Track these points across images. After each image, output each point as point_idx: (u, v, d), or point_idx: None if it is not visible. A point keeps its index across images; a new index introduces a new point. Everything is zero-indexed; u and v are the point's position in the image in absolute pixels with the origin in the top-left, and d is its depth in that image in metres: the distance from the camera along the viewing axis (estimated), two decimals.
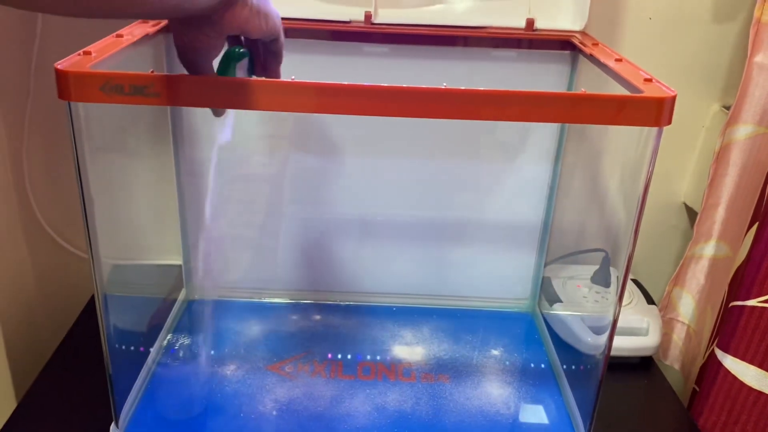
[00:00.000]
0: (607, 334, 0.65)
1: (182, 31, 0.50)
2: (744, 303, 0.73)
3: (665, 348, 0.92)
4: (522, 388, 0.75)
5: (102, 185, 0.60)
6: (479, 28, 0.74)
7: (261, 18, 0.51)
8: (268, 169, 0.82)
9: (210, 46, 0.51)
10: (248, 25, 0.50)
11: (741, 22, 0.83)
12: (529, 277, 0.88)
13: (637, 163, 0.58)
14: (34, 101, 0.83)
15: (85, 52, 0.54)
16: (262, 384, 0.73)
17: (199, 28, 0.49)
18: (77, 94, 0.50)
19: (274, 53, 0.57)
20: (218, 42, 0.51)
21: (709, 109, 0.88)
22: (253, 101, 0.51)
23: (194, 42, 0.50)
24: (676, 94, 0.52)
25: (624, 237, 0.62)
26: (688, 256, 0.88)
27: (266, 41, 0.55)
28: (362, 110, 0.51)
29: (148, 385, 0.73)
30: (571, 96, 0.53)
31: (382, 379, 0.75)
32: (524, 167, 0.82)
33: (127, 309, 0.72)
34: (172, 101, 0.51)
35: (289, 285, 0.89)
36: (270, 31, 0.53)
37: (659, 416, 0.77)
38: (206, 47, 0.51)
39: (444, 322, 0.86)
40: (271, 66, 0.58)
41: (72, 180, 0.89)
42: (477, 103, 0.51)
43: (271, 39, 0.55)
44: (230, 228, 0.85)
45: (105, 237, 0.61)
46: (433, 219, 0.85)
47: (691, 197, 0.92)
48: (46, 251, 0.92)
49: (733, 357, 0.75)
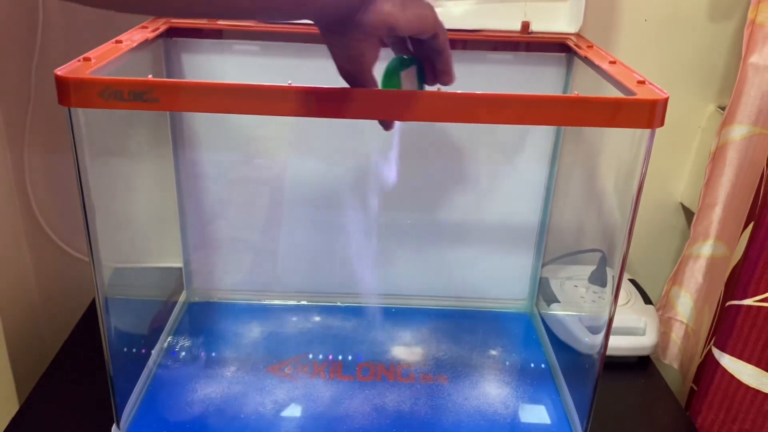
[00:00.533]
0: (603, 334, 0.65)
1: (333, 43, 0.49)
2: (741, 302, 0.73)
3: (664, 347, 0.93)
4: (520, 387, 0.76)
5: (103, 189, 0.61)
6: (475, 32, 0.75)
7: (408, 10, 0.47)
8: (269, 171, 0.83)
9: (363, 52, 0.48)
10: (393, 20, 0.46)
11: (736, 24, 0.83)
12: (526, 278, 0.89)
13: (631, 164, 0.59)
14: (35, 106, 0.84)
15: (85, 58, 0.54)
16: (262, 385, 0.74)
17: (346, 34, 0.47)
18: (77, 101, 0.50)
19: (438, 51, 0.52)
20: (370, 46, 0.48)
21: (705, 110, 0.88)
22: (251, 106, 0.51)
23: (347, 51, 0.48)
24: (669, 96, 0.52)
25: (620, 237, 0.63)
26: (686, 255, 0.89)
27: (424, 39, 0.51)
28: (360, 114, 0.52)
29: (149, 387, 0.73)
30: (565, 99, 0.53)
31: (381, 380, 0.75)
32: (521, 168, 0.83)
33: (128, 312, 0.72)
34: (170, 107, 0.51)
35: (288, 287, 0.89)
36: (422, 25, 0.49)
37: (656, 415, 0.77)
38: (360, 54, 0.48)
39: (442, 322, 0.86)
40: (439, 66, 0.53)
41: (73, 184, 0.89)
42: (473, 106, 0.51)
43: (427, 35, 0.50)
44: (231, 230, 0.86)
45: (106, 240, 0.61)
46: (431, 220, 0.85)
47: (688, 197, 0.92)
48: (48, 254, 0.93)
49: (730, 356, 0.75)
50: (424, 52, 0.53)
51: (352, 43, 0.47)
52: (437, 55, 0.52)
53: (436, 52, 0.52)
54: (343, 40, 0.48)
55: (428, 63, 0.54)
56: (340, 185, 0.83)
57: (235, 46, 0.75)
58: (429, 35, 0.50)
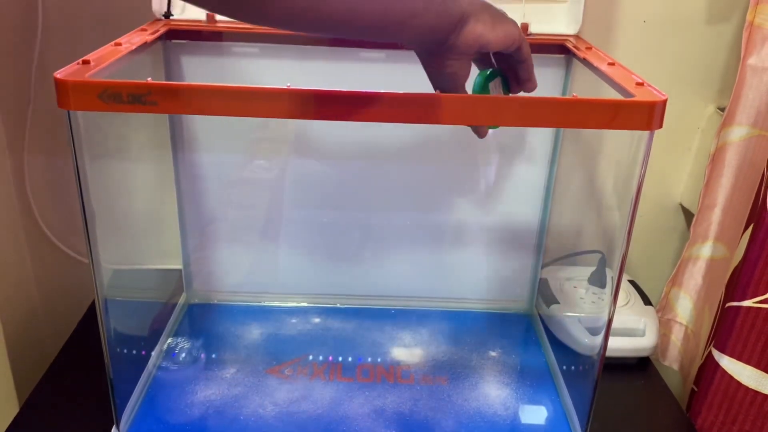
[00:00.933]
0: (603, 335, 0.65)
1: (429, 63, 0.53)
2: (740, 303, 0.73)
3: (664, 349, 0.93)
4: (519, 388, 0.76)
5: (102, 191, 0.61)
6: None
7: (497, 30, 0.51)
8: (268, 173, 0.83)
9: (457, 71, 0.52)
10: (485, 40, 0.50)
11: (734, 25, 0.83)
12: (526, 279, 0.89)
13: (630, 165, 0.59)
14: (35, 109, 0.84)
15: (84, 61, 0.55)
16: (262, 387, 0.74)
17: (442, 55, 0.51)
18: (76, 103, 0.50)
19: (521, 61, 0.56)
20: (464, 64, 0.52)
21: (705, 111, 0.88)
22: (250, 108, 0.52)
23: (442, 70, 0.52)
24: (667, 98, 0.52)
25: (620, 238, 0.63)
26: (686, 257, 0.89)
27: (510, 52, 0.54)
28: (360, 117, 0.52)
29: (148, 389, 0.73)
30: (563, 101, 0.53)
31: (381, 381, 0.76)
32: (521, 169, 0.83)
33: (128, 313, 0.72)
34: (169, 109, 0.51)
35: (288, 288, 0.89)
36: (509, 40, 0.52)
37: (656, 416, 0.77)
38: (453, 72, 0.52)
39: (442, 323, 0.86)
40: (523, 76, 0.57)
41: (72, 185, 0.89)
42: (472, 109, 0.51)
43: (512, 49, 0.54)
44: (228, 232, 0.86)
45: (105, 242, 0.62)
46: (431, 222, 0.85)
47: (687, 199, 0.92)
48: (48, 256, 0.93)
49: (730, 357, 0.75)
50: (507, 63, 0.57)
51: (447, 62, 0.51)
52: (520, 64, 0.56)
53: (519, 63, 0.56)
54: (438, 60, 0.52)
55: (511, 72, 0.57)
56: (340, 187, 0.83)
57: (234, 49, 0.76)
58: (513, 49, 0.54)
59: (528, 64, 0.56)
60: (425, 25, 0.48)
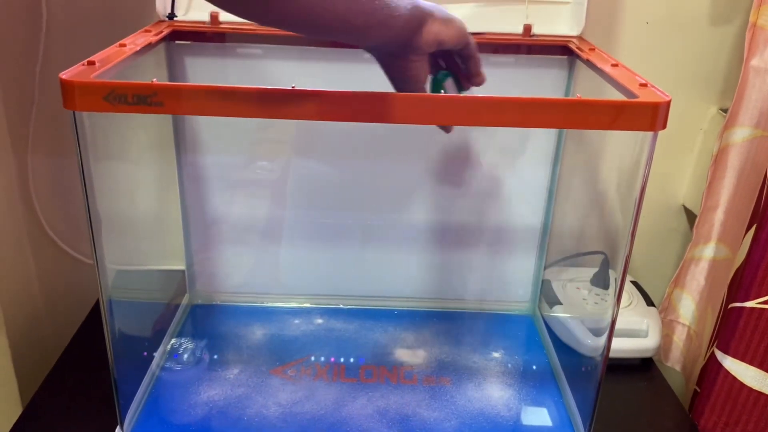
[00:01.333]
0: (606, 336, 0.65)
1: (393, 68, 0.55)
2: (743, 304, 0.73)
3: (666, 350, 0.93)
4: (523, 390, 0.76)
5: (106, 192, 0.61)
6: (477, 34, 0.75)
7: (450, 28, 0.54)
8: (271, 174, 0.83)
9: (419, 72, 0.55)
10: (442, 37, 0.53)
11: (737, 26, 0.83)
12: (529, 280, 0.89)
13: (633, 167, 0.59)
14: (39, 110, 0.84)
15: (89, 62, 0.55)
16: (265, 387, 0.74)
17: (404, 58, 0.54)
18: (82, 104, 0.51)
19: (470, 57, 0.59)
20: (424, 65, 0.55)
21: (707, 112, 0.88)
22: (254, 109, 0.52)
23: (406, 72, 0.54)
24: (671, 99, 0.52)
25: (623, 239, 0.63)
26: (688, 258, 0.89)
27: (459, 49, 0.58)
28: (365, 118, 0.52)
29: (152, 390, 0.73)
30: (567, 102, 0.53)
31: (384, 382, 0.76)
32: (523, 170, 0.83)
33: (132, 314, 0.72)
34: (174, 110, 0.51)
35: (291, 289, 0.89)
36: (462, 37, 0.56)
37: (659, 417, 0.77)
38: (416, 74, 0.55)
39: (445, 324, 0.87)
40: (473, 71, 0.60)
41: (76, 186, 0.89)
42: (475, 109, 0.52)
43: (462, 45, 0.57)
44: (232, 233, 0.86)
45: (109, 243, 0.62)
46: (434, 222, 0.85)
47: (690, 199, 0.93)
48: (51, 257, 0.93)
49: (733, 358, 0.75)
50: (457, 61, 0.60)
51: (411, 64, 0.54)
52: (469, 60, 0.60)
53: (468, 59, 0.59)
54: (401, 63, 0.54)
55: (461, 70, 0.61)
56: (343, 187, 0.84)
57: (237, 50, 0.76)
58: (463, 45, 0.57)
59: (476, 59, 0.60)
60: (395, 27, 0.50)
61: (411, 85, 0.55)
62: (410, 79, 0.55)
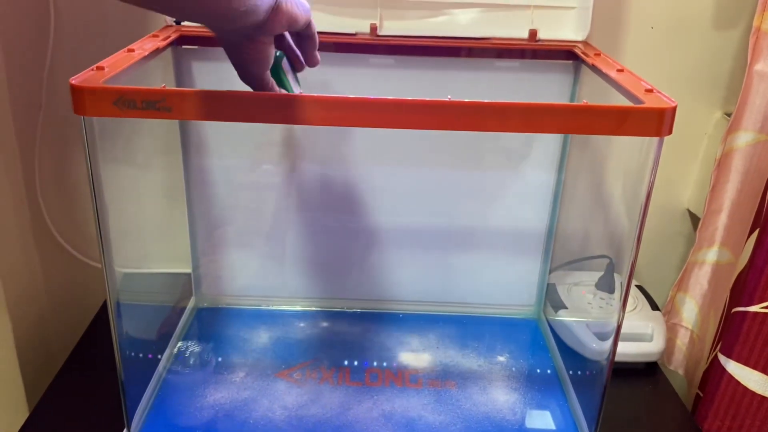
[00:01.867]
0: (611, 340, 0.65)
1: (241, 50, 0.53)
2: (746, 309, 0.74)
3: (669, 353, 0.93)
4: (528, 393, 0.76)
5: (114, 195, 0.61)
6: (483, 39, 0.75)
7: (299, 7, 0.53)
8: (276, 177, 0.83)
9: (266, 53, 0.53)
10: (294, 16, 0.52)
11: (741, 31, 0.84)
12: (534, 284, 0.89)
13: (639, 171, 0.59)
14: (46, 114, 0.85)
15: (99, 67, 0.55)
16: (271, 391, 0.74)
17: (253, 39, 0.52)
18: (92, 109, 0.51)
19: (309, 37, 0.59)
20: (271, 48, 0.54)
21: (711, 117, 0.89)
22: (259, 114, 0.52)
23: (252, 54, 0.52)
24: (677, 105, 0.52)
25: (628, 243, 0.63)
26: (691, 261, 0.89)
27: (301, 30, 0.57)
28: (369, 123, 0.52)
29: (159, 392, 0.74)
30: (573, 108, 0.54)
31: (390, 386, 0.76)
32: (528, 174, 0.83)
33: (138, 317, 0.73)
34: (183, 115, 0.52)
35: (296, 292, 0.90)
36: (307, 15, 0.55)
37: (664, 421, 0.77)
38: (264, 56, 0.53)
39: (450, 328, 0.87)
40: (309, 51, 0.60)
41: (82, 190, 0.90)
42: (480, 115, 0.52)
43: (306, 24, 0.56)
44: (237, 236, 0.87)
45: (116, 246, 0.62)
46: (439, 226, 0.86)
47: (694, 203, 0.93)
48: (57, 260, 0.93)
49: (737, 362, 0.76)
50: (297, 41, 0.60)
51: (262, 46, 0.52)
52: (308, 39, 0.59)
53: (309, 38, 0.59)
54: (253, 46, 0.52)
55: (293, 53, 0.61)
56: (348, 191, 0.84)
57: None
58: (307, 24, 0.56)
59: (314, 39, 0.59)
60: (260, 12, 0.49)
61: (260, 66, 0.54)
62: (260, 60, 0.53)
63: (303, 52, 0.61)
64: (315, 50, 0.61)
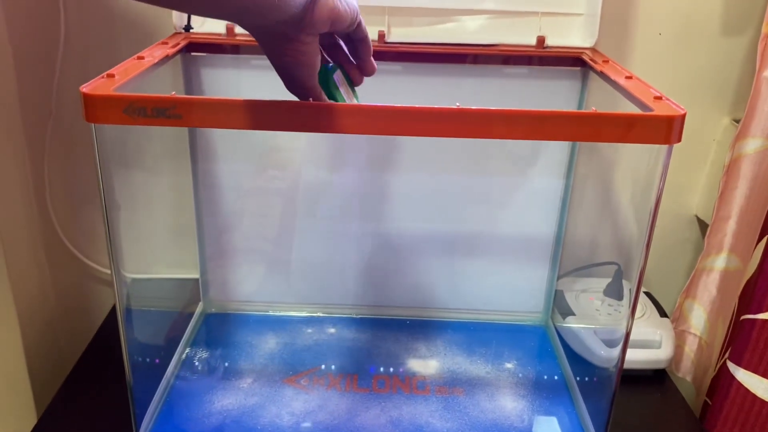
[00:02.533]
0: (620, 347, 0.65)
1: (276, 52, 0.50)
2: (756, 316, 0.73)
3: (677, 360, 0.92)
4: (536, 400, 0.76)
5: (123, 202, 0.61)
6: (491, 46, 0.76)
7: (343, 3, 0.49)
8: (284, 182, 0.84)
9: (309, 56, 0.50)
10: (337, 12, 0.48)
11: (750, 37, 0.84)
12: (542, 290, 0.89)
13: (648, 178, 0.59)
14: (56, 121, 0.85)
15: (109, 74, 0.55)
16: (279, 397, 0.74)
17: (296, 38, 0.48)
18: (102, 117, 0.51)
19: (362, 40, 0.55)
20: (316, 47, 0.50)
21: (720, 123, 0.88)
22: (269, 122, 0.52)
23: (291, 56, 0.49)
24: (686, 113, 0.52)
25: (636, 250, 0.63)
26: (699, 268, 0.89)
27: (351, 32, 0.53)
28: (377, 130, 0.52)
29: (167, 398, 0.74)
30: (581, 115, 0.53)
31: (397, 392, 0.76)
32: (536, 181, 0.83)
33: (146, 322, 0.73)
34: (193, 123, 0.52)
35: (303, 298, 0.90)
36: (354, 14, 0.51)
37: (672, 429, 0.77)
38: (306, 59, 0.50)
39: (458, 335, 0.87)
40: (364, 57, 0.56)
41: (91, 196, 0.90)
42: (488, 122, 0.52)
43: (355, 24, 0.52)
44: (245, 241, 0.87)
45: (125, 252, 0.62)
46: (447, 232, 0.86)
47: (702, 210, 0.92)
48: (66, 266, 0.94)
49: (746, 370, 0.75)
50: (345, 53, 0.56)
51: (304, 47, 0.49)
52: (361, 43, 0.55)
53: (360, 41, 0.55)
54: (294, 46, 0.49)
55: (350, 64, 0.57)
56: (355, 197, 0.84)
57: (252, 61, 0.76)
58: (356, 24, 0.52)
59: (368, 42, 0.55)
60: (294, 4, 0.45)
61: (304, 70, 0.50)
62: (303, 63, 0.50)
63: (357, 59, 0.56)
64: (370, 56, 0.56)
